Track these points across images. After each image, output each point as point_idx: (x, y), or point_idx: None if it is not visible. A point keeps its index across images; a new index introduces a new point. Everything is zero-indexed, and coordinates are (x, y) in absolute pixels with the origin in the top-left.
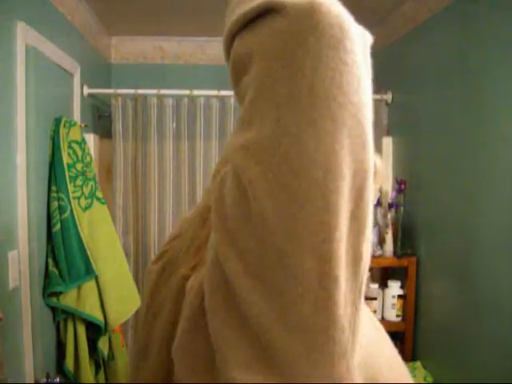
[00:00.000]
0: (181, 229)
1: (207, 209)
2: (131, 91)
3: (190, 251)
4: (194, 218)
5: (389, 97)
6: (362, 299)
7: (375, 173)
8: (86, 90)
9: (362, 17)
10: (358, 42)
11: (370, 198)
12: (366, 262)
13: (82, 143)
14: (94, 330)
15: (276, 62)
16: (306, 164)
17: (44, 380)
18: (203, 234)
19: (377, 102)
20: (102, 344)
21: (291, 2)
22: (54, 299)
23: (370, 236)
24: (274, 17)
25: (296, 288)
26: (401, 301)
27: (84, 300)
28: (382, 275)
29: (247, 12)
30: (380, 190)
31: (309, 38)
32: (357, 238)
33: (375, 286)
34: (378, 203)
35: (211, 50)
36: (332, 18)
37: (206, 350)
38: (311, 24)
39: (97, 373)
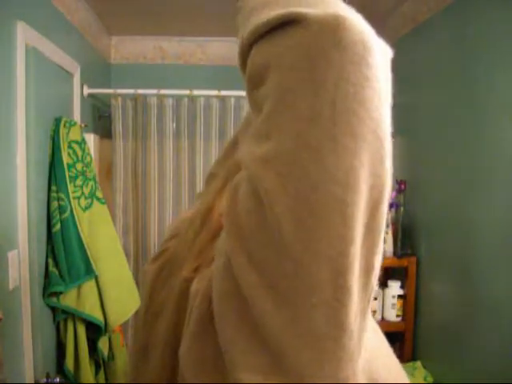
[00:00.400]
0: (179, 229)
1: (208, 210)
2: (131, 91)
3: (192, 252)
4: (195, 219)
5: None
6: (370, 307)
7: None
8: (86, 90)
9: (361, 17)
10: (380, 57)
11: (385, 211)
12: (376, 273)
13: (82, 143)
14: (94, 330)
15: (296, 74)
16: (325, 179)
17: (44, 380)
18: (205, 235)
19: None
20: (102, 344)
21: (314, 14)
22: (54, 299)
23: (381, 247)
24: (295, 28)
25: (310, 298)
26: (401, 301)
27: (84, 300)
28: (382, 275)
29: (266, 22)
30: None
31: (332, 53)
32: (370, 249)
33: None
34: None
35: (211, 49)
36: (356, 35)
37: (213, 354)
38: (334, 39)
39: (97, 373)
